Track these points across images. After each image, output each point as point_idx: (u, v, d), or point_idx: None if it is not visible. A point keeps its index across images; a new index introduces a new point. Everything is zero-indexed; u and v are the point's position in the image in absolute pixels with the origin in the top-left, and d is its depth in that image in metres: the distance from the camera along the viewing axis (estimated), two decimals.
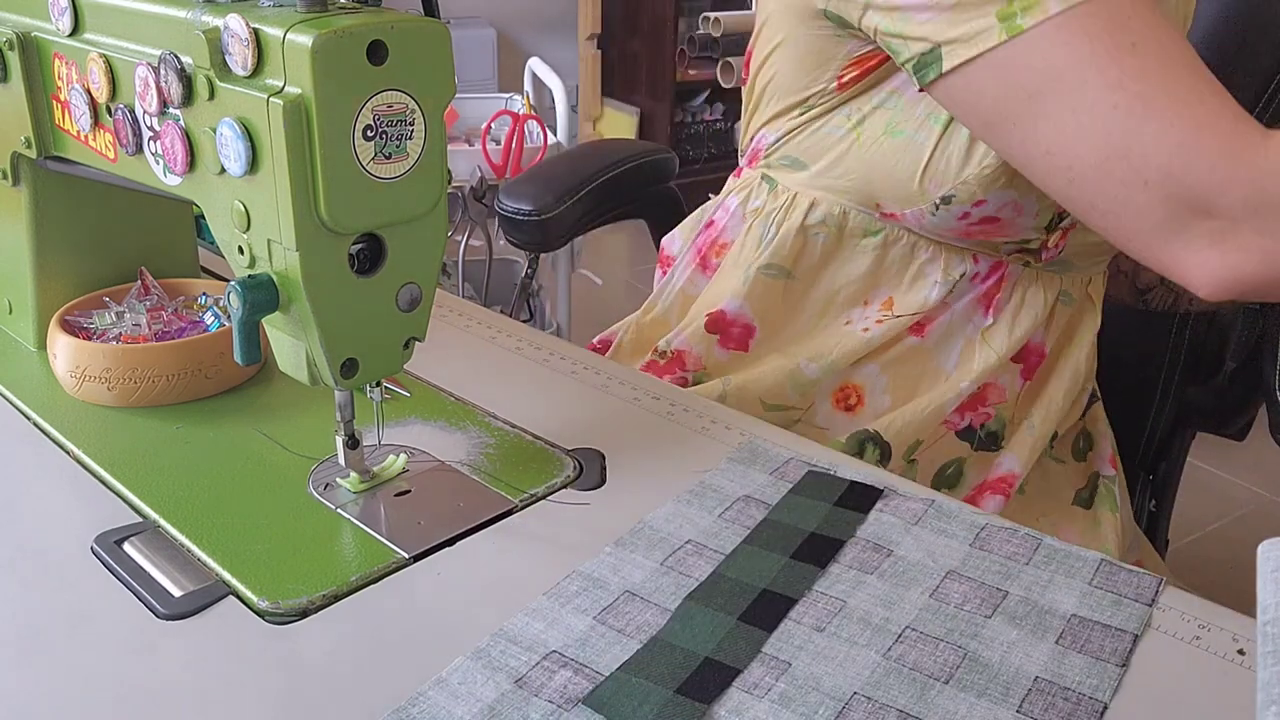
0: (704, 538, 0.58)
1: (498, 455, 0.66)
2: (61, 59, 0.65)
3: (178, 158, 0.56)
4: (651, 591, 0.53)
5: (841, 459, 0.66)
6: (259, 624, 0.51)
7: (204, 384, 0.71)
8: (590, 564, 0.55)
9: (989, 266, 0.82)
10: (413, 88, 0.51)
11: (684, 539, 0.57)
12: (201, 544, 0.56)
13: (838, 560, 0.56)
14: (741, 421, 0.70)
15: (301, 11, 0.49)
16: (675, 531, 0.58)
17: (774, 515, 0.60)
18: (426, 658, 0.49)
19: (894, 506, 0.61)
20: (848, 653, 0.49)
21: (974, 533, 0.58)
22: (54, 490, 0.63)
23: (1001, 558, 0.56)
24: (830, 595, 0.53)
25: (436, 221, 0.56)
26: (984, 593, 0.53)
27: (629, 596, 0.53)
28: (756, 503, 0.61)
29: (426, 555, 0.56)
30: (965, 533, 0.58)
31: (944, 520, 0.59)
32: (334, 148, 0.49)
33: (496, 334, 0.84)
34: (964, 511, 0.60)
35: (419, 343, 0.59)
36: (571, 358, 0.79)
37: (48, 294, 0.77)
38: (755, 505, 0.60)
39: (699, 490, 0.62)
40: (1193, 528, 1.98)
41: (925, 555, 0.56)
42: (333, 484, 0.62)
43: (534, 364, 0.78)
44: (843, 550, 0.57)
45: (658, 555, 0.56)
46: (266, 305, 0.53)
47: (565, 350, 0.81)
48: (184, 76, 0.54)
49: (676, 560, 0.56)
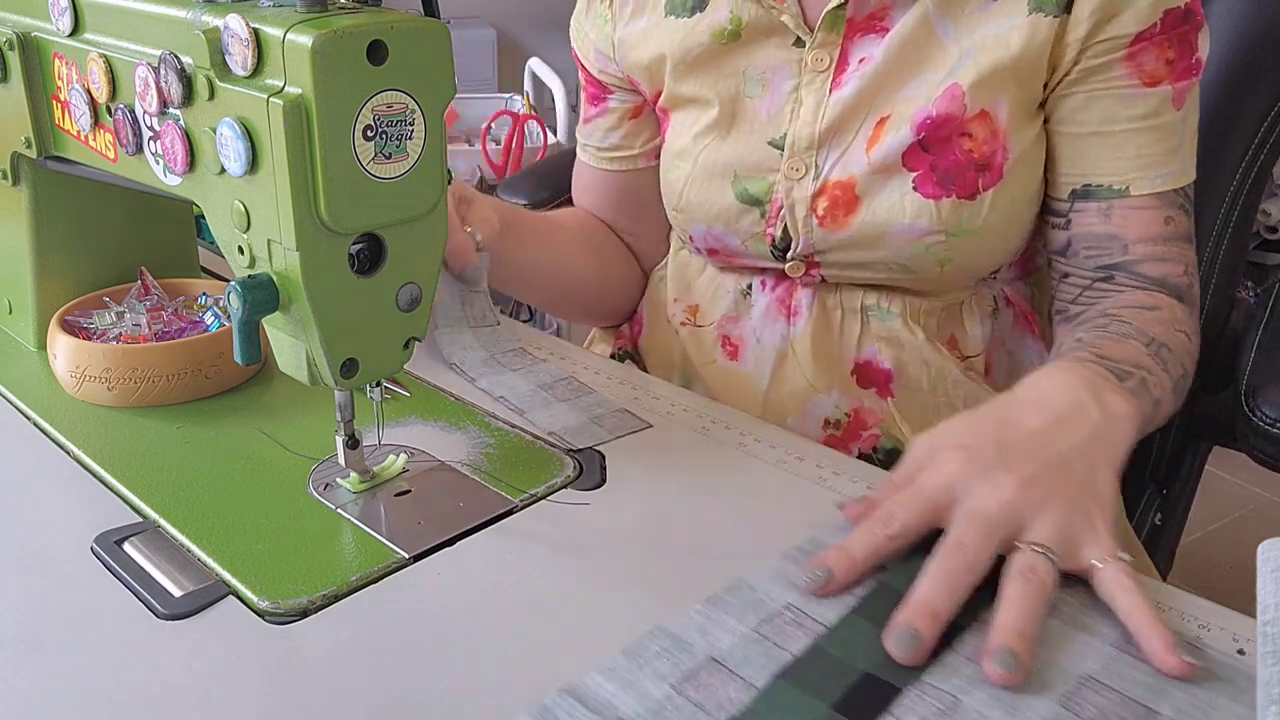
0: (807, 603, 0.51)
1: (498, 455, 0.66)
2: (61, 59, 0.65)
3: (178, 158, 0.56)
4: (740, 662, 0.47)
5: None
6: (259, 624, 0.51)
7: (204, 384, 0.71)
8: (679, 622, 0.50)
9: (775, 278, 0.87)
10: (413, 88, 0.51)
11: (784, 603, 0.51)
12: (201, 544, 0.56)
13: (955, 647, 0.48)
14: (742, 422, 0.70)
15: (301, 11, 0.49)
16: (775, 594, 0.52)
17: (890, 580, 0.52)
18: (426, 658, 0.49)
19: None
20: None
21: (1119, 628, 0.49)
22: (54, 490, 0.63)
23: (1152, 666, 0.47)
24: (942, 690, 0.46)
25: (436, 221, 0.56)
26: (1128, 711, 0.45)
27: (714, 665, 0.47)
28: (871, 567, 0.54)
29: (426, 555, 0.56)
30: (1109, 628, 0.50)
31: (1085, 609, 0.51)
32: (334, 148, 0.49)
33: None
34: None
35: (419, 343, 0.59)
36: (571, 357, 0.79)
37: (48, 294, 0.77)
38: (869, 569, 0.53)
39: (807, 549, 0.55)
40: (1193, 528, 1.97)
41: (1060, 652, 0.49)
42: (333, 484, 0.62)
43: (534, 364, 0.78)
44: (964, 634, 0.49)
45: (751, 619, 0.50)
46: (266, 305, 0.53)
47: (565, 350, 0.81)
48: (184, 76, 0.54)
49: (773, 628, 0.49)
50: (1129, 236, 0.77)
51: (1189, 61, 0.76)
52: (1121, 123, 0.76)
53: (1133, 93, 0.75)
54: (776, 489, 0.63)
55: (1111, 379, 0.64)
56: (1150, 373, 0.68)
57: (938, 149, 0.77)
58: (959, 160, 0.77)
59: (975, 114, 0.76)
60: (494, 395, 0.72)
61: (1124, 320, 0.74)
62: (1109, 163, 0.77)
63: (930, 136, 0.76)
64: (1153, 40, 0.74)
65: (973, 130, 0.76)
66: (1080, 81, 0.76)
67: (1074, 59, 0.75)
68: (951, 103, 0.76)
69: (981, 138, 0.77)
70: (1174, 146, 0.77)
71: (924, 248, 0.78)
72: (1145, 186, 0.77)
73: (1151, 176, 0.76)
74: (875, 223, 0.78)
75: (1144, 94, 0.75)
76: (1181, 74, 0.75)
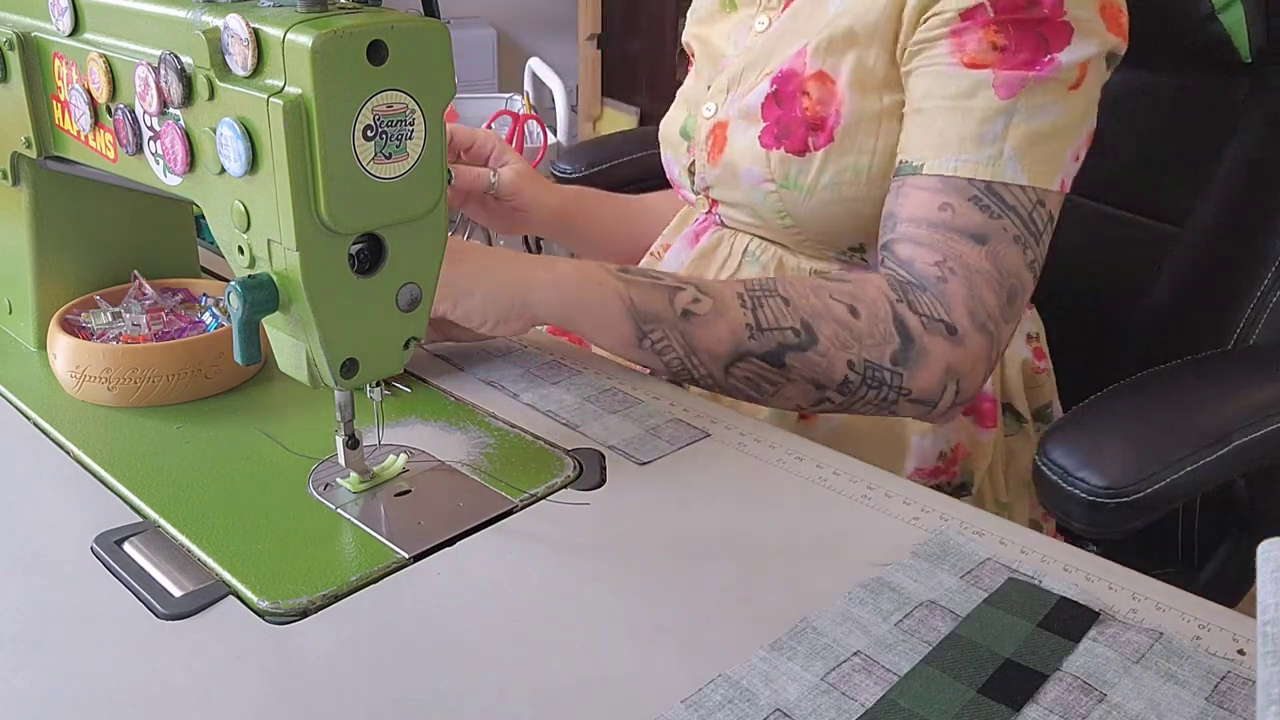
0: (876, 650, 0.49)
1: (498, 455, 0.66)
2: (61, 59, 0.65)
3: (178, 158, 0.56)
4: (807, 715, 0.45)
5: (1049, 567, 0.55)
6: (259, 624, 0.51)
7: (204, 384, 0.71)
8: (740, 668, 0.48)
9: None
10: (413, 88, 0.51)
11: (852, 649, 0.49)
12: (201, 544, 0.56)
13: (1036, 701, 0.46)
14: (741, 422, 0.70)
15: (301, 11, 0.49)
16: (842, 639, 0.50)
17: (963, 630, 0.50)
18: (426, 658, 0.49)
19: (1111, 636, 0.50)
20: None
21: (1212, 683, 0.47)
22: (54, 490, 0.63)
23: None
24: None
25: (436, 221, 0.56)
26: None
27: (781, 718, 0.45)
28: (943, 611, 0.52)
29: (426, 555, 0.56)
30: (1201, 682, 0.47)
31: (1174, 661, 0.48)
32: (334, 148, 0.49)
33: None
34: (1199, 653, 0.49)
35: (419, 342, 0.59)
36: (571, 357, 0.79)
37: (48, 294, 0.77)
38: (941, 615, 0.51)
39: (874, 588, 0.53)
40: None
41: (1148, 708, 0.45)
42: (333, 484, 0.62)
43: (534, 364, 0.78)
44: (1043, 688, 0.47)
45: (819, 667, 0.48)
46: (266, 305, 0.53)
47: (565, 350, 0.81)
48: (184, 76, 0.53)
49: (840, 676, 0.47)
50: (901, 215, 0.76)
51: (1031, 55, 0.73)
52: (934, 99, 0.75)
53: (951, 71, 0.74)
54: (776, 489, 0.63)
55: (611, 272, 0.73)
56: (701, 293, 0.73)
57: (785, 104, 0.82)
58: (796, 117, 0.81)
59: (814, 73, 0.80)
60: (541, 410, 0.71)
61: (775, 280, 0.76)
62: (917, 138, 0.76)
63: (781, 90, 0.82)
64: (978, 21, 0.73)
65: (810, 89, 0.81)
66: (914, 57, 0.76)
67: (909, 33, 0.76)
68: (796, 60, 0.81)
69: (817, 97, 0.80)
70: (985, 135, 0.73)
71: (762, 195, 0.84)
72: (935, 167, 0.74)
73: (947, 159, 0.74)
74: (731, 163, 0.86)
75: (960, 74, 0.74)
76: (1016, 64, 0.73)
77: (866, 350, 0.73)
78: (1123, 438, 0.73)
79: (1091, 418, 0.76)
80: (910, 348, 0.73)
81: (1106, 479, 0.68)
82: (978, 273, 0.74)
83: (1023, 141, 0.73)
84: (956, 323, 0.74)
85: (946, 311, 0.74)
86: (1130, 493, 0.68)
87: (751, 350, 0.73)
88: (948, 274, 0.74)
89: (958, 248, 0.74)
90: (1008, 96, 0.73)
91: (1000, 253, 0.74)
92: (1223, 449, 0.71)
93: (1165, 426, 0.74)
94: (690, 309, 0.72)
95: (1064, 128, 0.74)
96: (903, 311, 0.74)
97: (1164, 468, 0.69)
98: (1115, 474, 0.69)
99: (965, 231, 0.74)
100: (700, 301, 0.73)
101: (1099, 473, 0.69)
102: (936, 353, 0.73)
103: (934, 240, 0.74)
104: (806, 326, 0.73)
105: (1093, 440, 0.72)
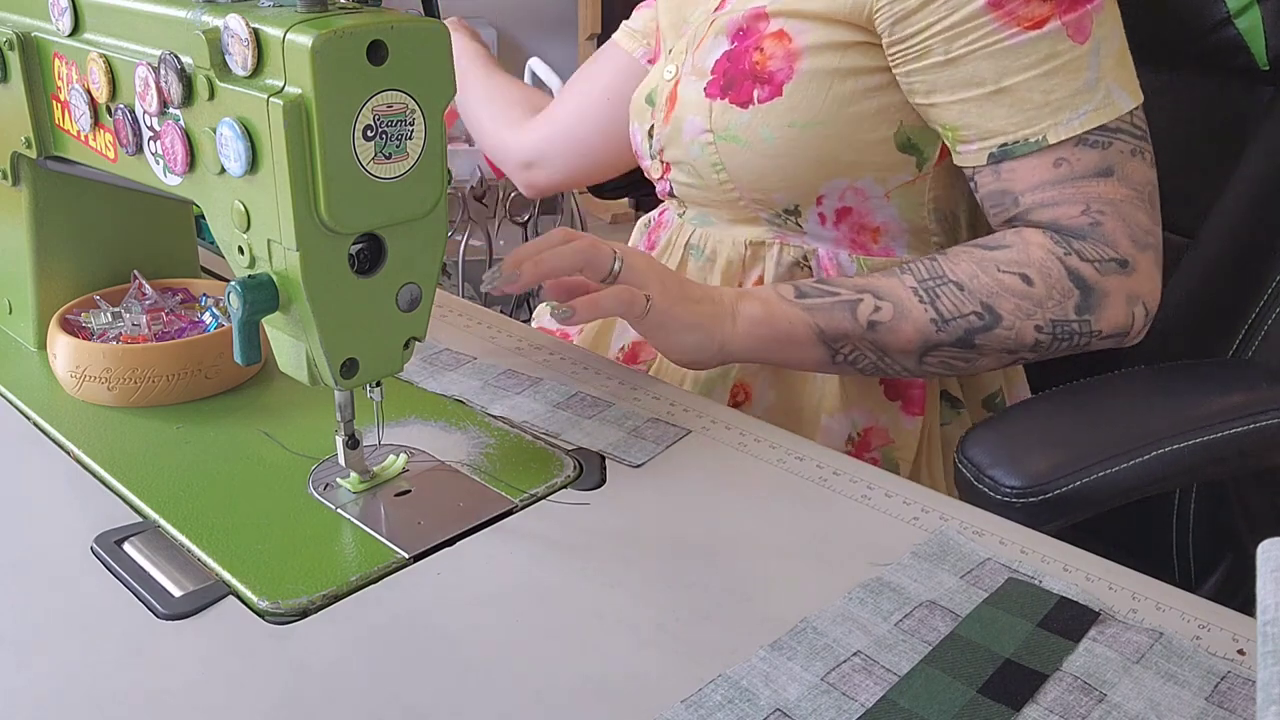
0: (876, 650, 0.49)
1: (498, 455, 0.66)
2: (61, 59, 0.65)
3: (178, 158, 0.56)
4: (807, 715, 0.45)
5: (1049, 567, 0.56)
6: (259, 624, 0.51)
7: (204, 384, 0.71)
8: (740, 668, 0.48)
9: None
10: (413, 88, 0.51)
11: (852, 649, 0.49)
12: (201, 544, 0.56)
13: (1036, 701, 0.46)
14: (742, 422, 0.70)
15: (301, 11, 0.49)
16: (842, 639, 0.50)
17: (963, 630, 0.50)
18: (426, 658, 0.49)
19: (1111, 636, 0.50)
20: None
21: (1213, 683, 0.47)
22: (54, 490, 0.63)
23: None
24: None
25: (436, 222, 0.56)
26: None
27: (781, 718, 0.45)
28: (943, 611, 0.52)
29: (426, 555, 0.56)
30: (1201, 681, 0.47)
31: (1174, 661, 0.48)
32: (334, 148, 0.49)
33: (496, 334, 0.84)
34: (1199, 653, 0.49)
35: (419, 342, 0.59)
36: (571, 357, 0.79)
37: (48, 294, 0.77)
38: (941, 615, 0.51)
39: (874, 588, 0.53)
40: None
41: (1148, 708, 0.46)
42: (333, 484, 0.62)
43: (534, 364, 0.78)
44: (1043, 688, 0.47)
45: (819, 667, 0.48)
46: (266, 305, 0.53)
47: (565, 350, 0.81)
48: (184, 76, 0.54)
49: (840, 676, 0.48)
50: (1018, 189, 0.76)
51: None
52: (1016, 73, 0.73)
53: (1016, 41, 0.72)
54: (776, 489, 0.63)
55: (786, 294, 0.76)
56: (879, 299, 0.75)
57: (736, 59, 0.82)
58: (744, 69, 0.82)
59: (773, 32, 0.80)
60: (516, 422, 0.70)
61: (934, 259, 0.77)
62: (1020, 113, 0.74)
63: (737, 48, 0.82)
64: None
65: (766, 46, 0.81)
66: (954, 40, 0.73)
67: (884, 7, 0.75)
68: (754, 18, 0.82)
69: (771, 53, 0.80)
70: (1089, 82, 0.73)
71: (699, 147, 0.85)
72: (1061, 132, 0.74)
73: (1067, 118, 0.74)
74: (678, 118, 0.87)
75: (1030, 38, 0.72)
76: (1070, 4, 0.72)
77: (1050, 312, 0.75)
78: (1041, 438, 0.72)
79: (1016, 417, 0.77)
80: (1090, 295, 0.75)
81: (1018, 478, 0.68)
82: (1122, 202, 0.76)
83: (1114, 69, 0.75)
84: (1125, 255, 0.76)
85: (1113, 249, 0.76)
86: (1038, 493, 0.67)
87: (941, 341, 0.75)
88: (1097, 216, 0.75)
89: (1093, 190, 0.75)
90: (1084, 38, 0.73)
91: (1128, 173, 0.76)
92: (1144, 455, 0.70)
93: (1088, 430, 0.73)
94: (874, 319, 0.75)
95: (1122, 34, 0.77)
96: (1074, 264, 0.75)
97: (1078, 470, 0.68)
98: (1026, 474, 0.68)
99: (1090, 174, 0.75)
100: (881, 309, 0.75)
101: (1010, 472, 0.68)
102: (1115, 289, 0.76)
103: (1067, 195, 0.75)
104: (988, 308, 0.75)
105: (1009, 440, 0.71)
